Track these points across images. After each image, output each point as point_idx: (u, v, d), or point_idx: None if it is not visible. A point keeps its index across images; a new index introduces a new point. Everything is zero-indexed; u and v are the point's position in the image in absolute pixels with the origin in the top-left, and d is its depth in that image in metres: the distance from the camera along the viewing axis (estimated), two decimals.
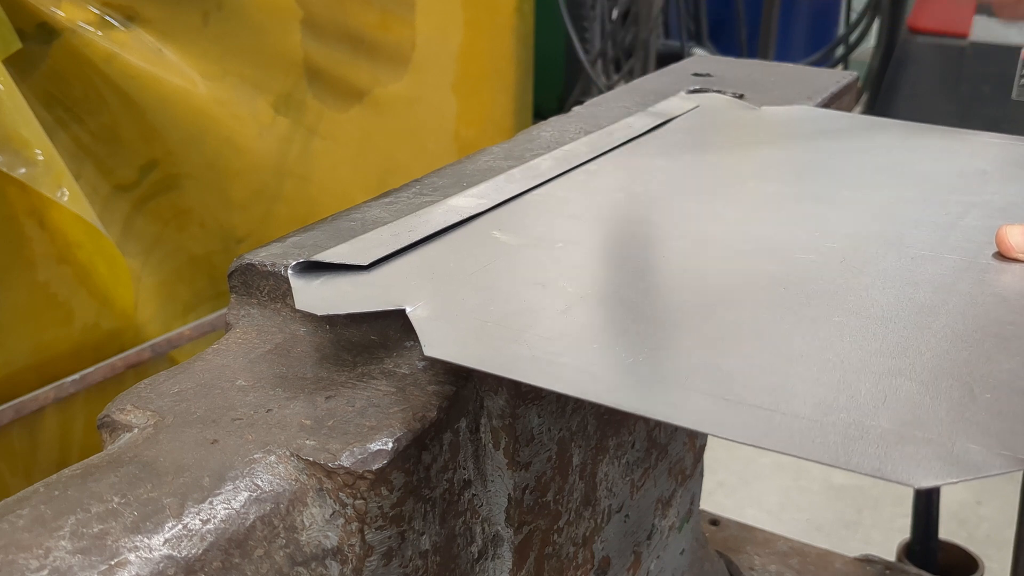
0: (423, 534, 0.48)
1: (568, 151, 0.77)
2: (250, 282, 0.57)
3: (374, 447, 0.44)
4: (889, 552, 1.26)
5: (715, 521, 1.12)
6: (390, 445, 0.44)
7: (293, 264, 0.54)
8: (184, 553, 0.39)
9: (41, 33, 1.32)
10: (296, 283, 0.52)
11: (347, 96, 1.79)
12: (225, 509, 0.41)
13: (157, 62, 1.45)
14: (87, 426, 1.44)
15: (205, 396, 0.49)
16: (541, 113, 1.69)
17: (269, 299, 0.56)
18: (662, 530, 0.79)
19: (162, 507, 0.40)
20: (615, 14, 3.36)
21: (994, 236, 0.60)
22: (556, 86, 3.38)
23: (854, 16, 3.60)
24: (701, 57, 1.24)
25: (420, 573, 0.48)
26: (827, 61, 3.54)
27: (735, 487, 2.09)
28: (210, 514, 0.41)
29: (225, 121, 1.57)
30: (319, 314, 0.50)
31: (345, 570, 0.45)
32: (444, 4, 1.95)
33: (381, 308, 0.51)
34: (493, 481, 0.54)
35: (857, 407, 0.42)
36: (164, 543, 0.39)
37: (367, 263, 0.55)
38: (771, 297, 0.53)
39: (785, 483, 2.11)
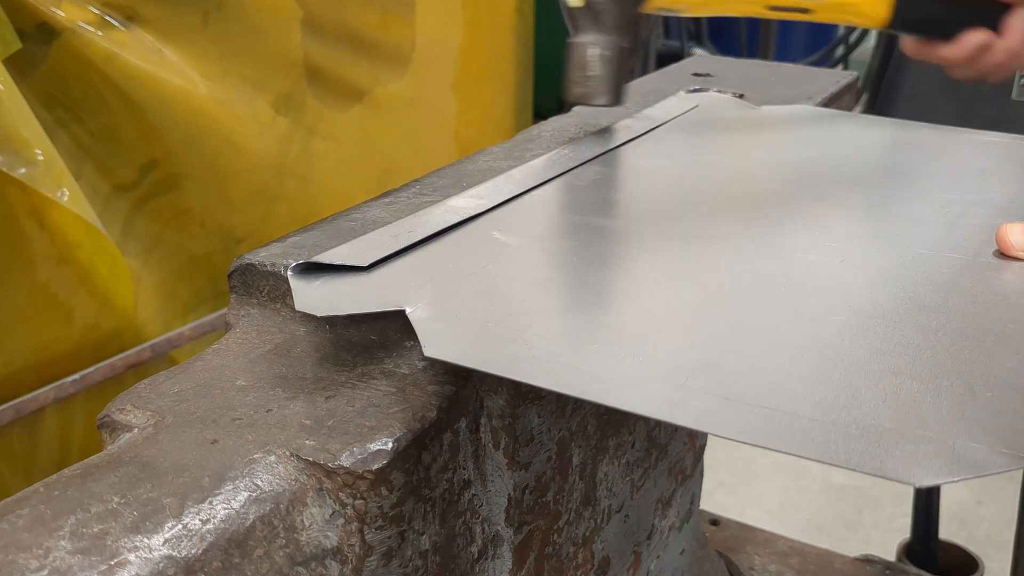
0: (423, 534, 0.48)
1: (568, 151, 0.77)
2: (250, 282, 0.57)
3: (374, 447, 0.44)
4: (889, 552, 1.26)
5: (715, 521, 1.13)
6: (390, 445, 0.44)
7: (293, 265, 0.54)
8: (184, 553, 0.39)
9: (41, 33, 1.32)
10: (296, 284, 0.52)
11: (347, 96, 1.79)
12: (225, 509, 0.41)
13: (157, 62, 1.45)
14: (87, 426, 1.44)
15: (205, 396, 0.49)
16: (541, 113, 1.69)
17: (269, 299, 0.56)
18: (662, 530, 0.79)
19: (162, 507, 0.40)
20: None
21: (994, 235, 0.60)
22: (556, 86, 3.37)
23: None
24: (701, 57, 1.24)
25: (420, 573, 0.48)
26: (827, 61, 3.54)
27: (735, 487, 2.09)
28: (210, 514, 0.41)
29: (225, 121, 1.57)
30: (319, 315, 0.50)
31: (345, 570, 0.45)
32: (444, 4, 1.95)
33: (381, 309, 0.50)
34: (493, 481, 0.54)
35: (857, 406, 0.42)
36: (164, 543, 0.39)
37: (367, 264, 0.55)
38: (771, 296, 0.53)
39: (785, 483, 2.11)
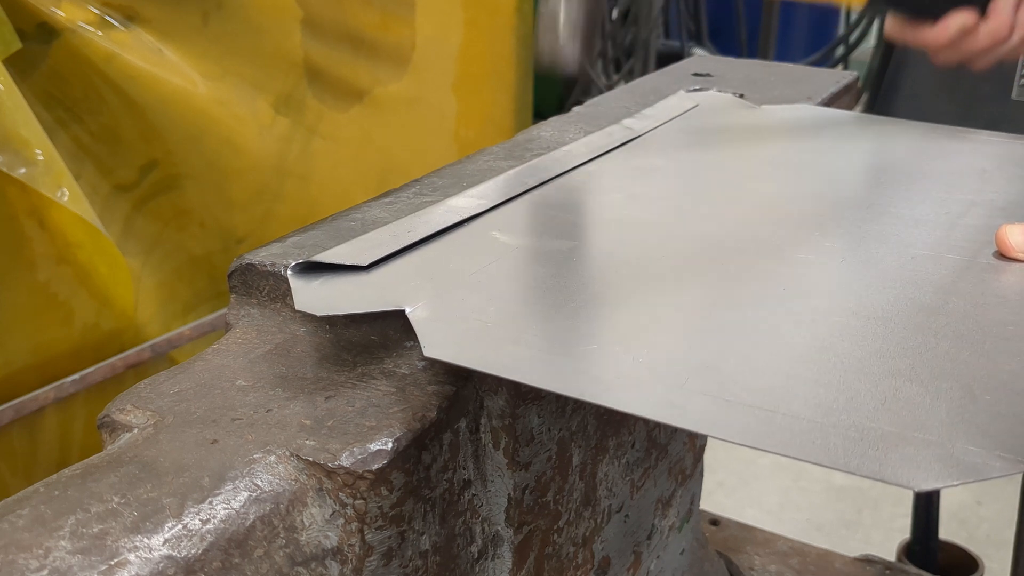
0: (423, 534, 0.48)
1: (568, 151, 0.77)
2: (250, 282, 0.57)
3: (374, 447, 0.44)
4: (889, 552, 1.26)
5: (715, 521, 1.12)
6: (390, 445, 0.44)
7: (292, 265, 0.54)
8: (184, 553, 0.39)
9: (41, 33, 1.32)
10: (296, 283, 0.52)
11: (347, 96, 1.79)
12: (225, 509, 0.41)
13: (157, 62, 1.45)
14: (87, 426, 1.44)
15: (205, 396, 0.49)
16: (541, 113, 1.69)
17: (269, 299, 0.56)
18: (662, 530, 0.79)
19: (162, 507, 0.40)
20: (615, 14, 3.37)
21: (994, 236, 0.60)
22: (556, 86, 3.38)
23: (854, 16, 3.60)
24: (701, 57, 1.24)
25: (420, 573, 0.48)
26: (827, 61, 3.54)
27: (735, 487, 2.09)
28: (210, 514, 0.41)
29: (225, 121, 1.57)
30: (319, 315, 0.50)
31: (345, 570, 0.45)
32: (444, 4, 1.95)
33: (381, 309, 0.50)
34: (493, 481, 0.54)
35: (857, 408, 0.42)
36: (164, 543, 0.39)
37: (367, 263, 0.55)
38: (770, 297, 0.53)
39: (785, 483, 2.11)
